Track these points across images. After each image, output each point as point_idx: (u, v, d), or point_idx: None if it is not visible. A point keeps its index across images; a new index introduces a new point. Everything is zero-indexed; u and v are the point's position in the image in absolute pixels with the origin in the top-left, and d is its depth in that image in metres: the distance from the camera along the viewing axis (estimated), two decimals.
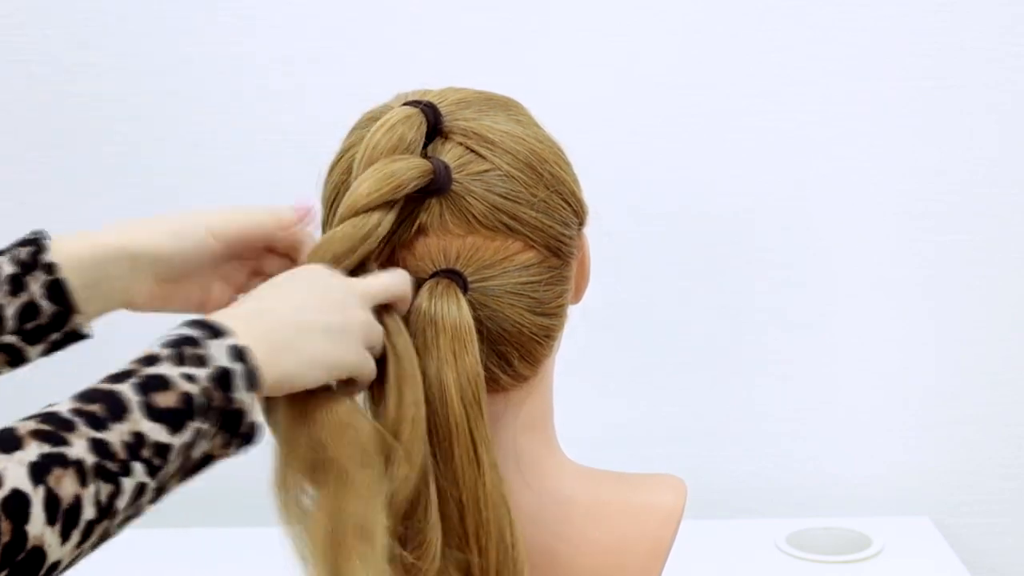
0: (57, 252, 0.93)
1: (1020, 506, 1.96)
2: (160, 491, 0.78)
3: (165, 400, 0.76)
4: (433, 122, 0.93)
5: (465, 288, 0.92)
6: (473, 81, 1.03)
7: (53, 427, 0.74)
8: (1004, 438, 1.94)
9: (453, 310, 0.91)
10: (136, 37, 1.86)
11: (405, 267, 0.93)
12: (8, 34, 1.86)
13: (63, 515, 0.72)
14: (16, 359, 0.94)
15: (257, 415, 0.81)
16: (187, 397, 0.77)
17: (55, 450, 0.73)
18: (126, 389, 0.76)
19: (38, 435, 0.73)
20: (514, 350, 0.94)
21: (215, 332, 0.80)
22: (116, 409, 0.75)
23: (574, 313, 1.00)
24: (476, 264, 0.92)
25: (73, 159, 1.89)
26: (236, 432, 0.80)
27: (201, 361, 0.78)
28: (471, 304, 0.92)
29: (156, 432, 0.76)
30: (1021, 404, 1.93)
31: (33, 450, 0.72)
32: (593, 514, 0.99)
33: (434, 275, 0.93)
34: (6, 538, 0.70)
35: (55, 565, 0.73)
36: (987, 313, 1.91)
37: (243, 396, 0.79)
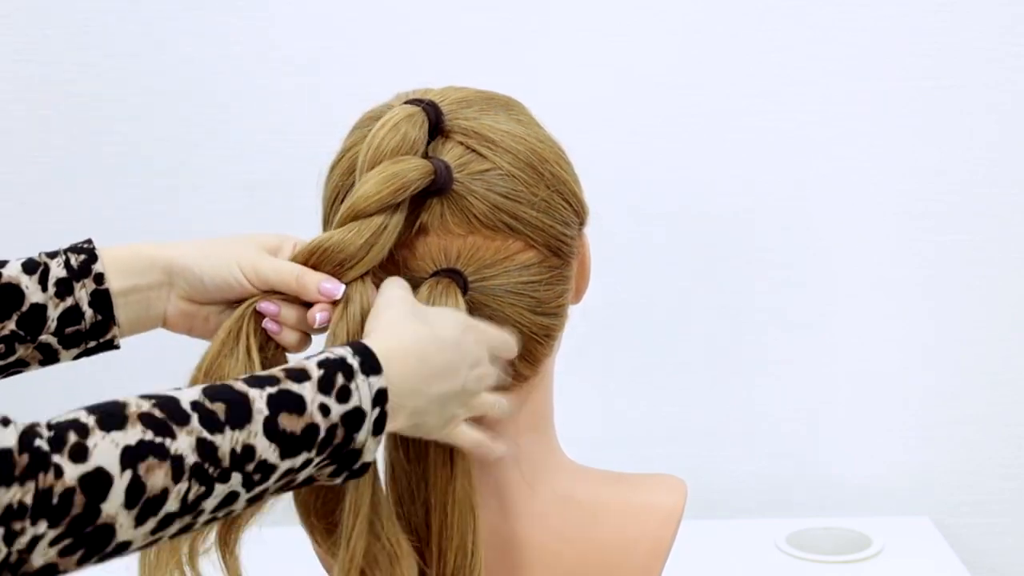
0: (104, 260, 0.94)
1: (1020, 506, 1.95)
2: (251, 503, 0.78)
3: (291, 424, 0.77)
4: (434, 121, 0.93)
5: (465, 288, 0.92)
6: (474, 81, 1.03)
7: (165, 415, 0.74)
8: (1004, 438, 1.94)
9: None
10: (136, 37, 1.86)
11: (406, 266, 0.93)
12: (8, 34, 1.86)
13: (144, 503, 0.73)
14: (49, 359, 0.95)
15: (371, 455, 0.81)
16: (313, 428, 0.78)
17: (156, 439, 0.73)
18: (258, 398, 0.77)
19: (146, 419, 0.73)
20: None
21: (371, 367, 0.80)
22: (239, 416, 0.76)
23: (574, 313, 1.00)
24: (477, 264, 0.92)
25: (73, 159, 1.88)
26: (348, 468, 0.81)
27: (344, 395, 0.79)
28: (471, 304, 0.92)
29: (268, 451, 0.76)
30: (1021, 404, 1.93)
31: (134, 434, 0.73)
32: (593, 514, 0.99)
33: (434, 275, 0.93)
34: (77, 510, 0.71)
35: (124, 544, 0.73)
36: (987, 313, 1.91)
37: (366, 439, 0.80)
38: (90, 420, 0.72)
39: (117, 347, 0.96)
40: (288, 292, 0.92)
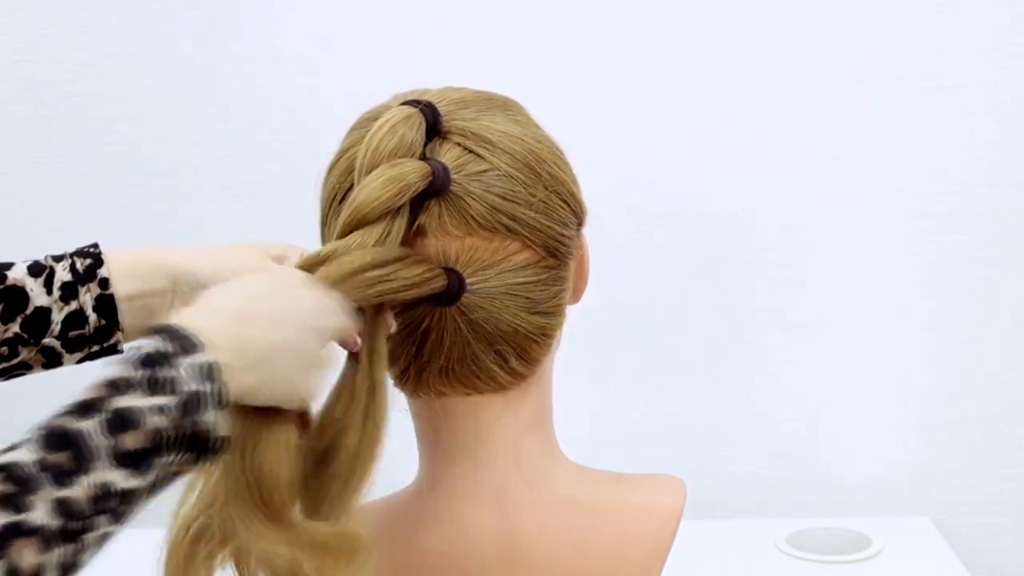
0: (109, 265, 0.94)
1: (1020, 506, 1.95)
2: (125, 523, 0.74)
3: (134, 441, 0.73)
4: (432, 122, 0.93)
5: (463, 289, 0.92)
6: (472, 81, 1.03)
7: (16, 489, 0.70)
8: (1004, 438, 1.94)
9: None
10: (136, 37, 1.86)
11: None
12: (8, 34, 1.86)
13: None
14: (52, 362, 0.94)
15: (223, 429, 0.77)
16: (157, 434, 0.74)
17: (16, 519, 0.69)
18: (93, 430, 0.72)
19: (1, 500, 0.69)
20: (511, 349, 0.94)
21: (187, 347, 0.76)
22: (82, 458, 0.71)
23: (574, 313, 1.00)
24: (475, 265, 0.92)
25: (73, 159, 1.89)
26: (204, 449, 0.76)
27: (172, 386, 0.74)
28: (468, 306, 0.92)
29: (123, 479, 0.72)
30: (1021, 404, 1.93)
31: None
32: (593, 514, 0.99)
33: None
34: None
35: None
36: (987, 313, 1.91)
37: (210, 416, 0.76)
38: None
39: (120, 351, 0.95)
40: None
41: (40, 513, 0.69)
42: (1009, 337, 1.91)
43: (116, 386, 0.74)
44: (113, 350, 0.95)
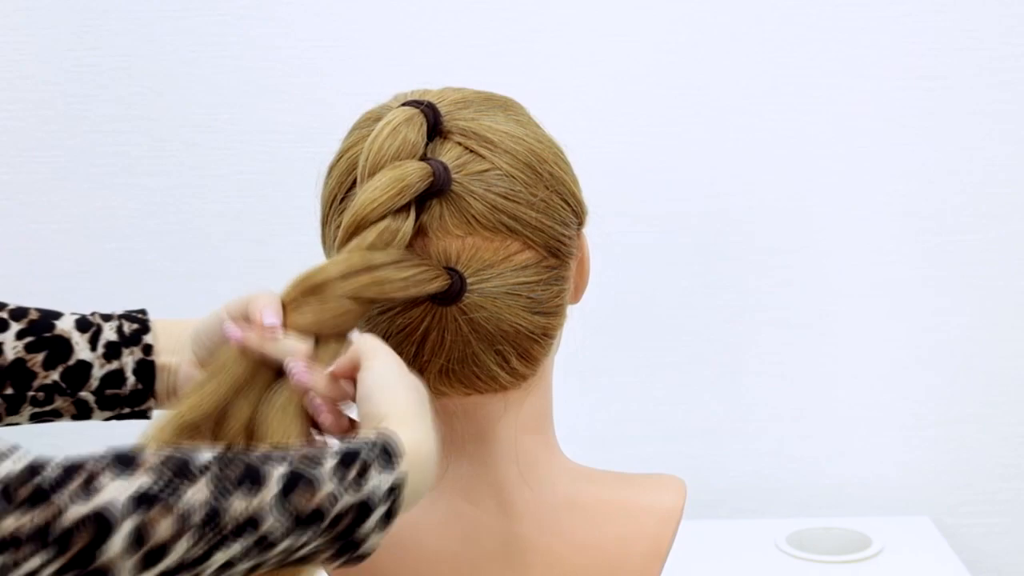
0: (155, 332, 0.97)
1: (1020, 506, 1.95)
2: (247, 572, 0.76)
3: (299, 504, 0.75)
4: (432, 122, 0.93)
5: (463, 288, 0.92)
6: (473, 81, 1.03)
7: (174, 470, 0.73)
8: (1004, 438, 1.94)
9: None
10: (136, 37, 1.86)
11: None
12: (8, 34, 1.86)
13: (144, 555, 0.71)
14: (82, 414, 0.97)
15: (373, 548, 0.79)
16: (318, 513, 0.76)
17: (165, 492, 0.72)
18: (273, 474, 0.75)
19: (156, 470, 0.72)
20: (512, 349, 0.94)
21: (389, 459, 0.79)
22: (251, 483, 0.74)
23: (574, 313, 1.00)
24: (476, 265, 0.92)
25: (73, 159, 1.89)
26: (347, 554, 0.79)
27: (356, 486, 0.77)
28: (469, 306, 0.92)
29: (272, 526, 0.75)
30: (1021, 404, 1.93)
31: (144, 482, 0.72)
32: (593, 514, 0.99)
33: None
34: (77, 547, 0.69)
35: None
36: (987, 313, 1.91)
37: (370, 531, 0.78)
38: (103, 460, 0.72)
39: (149, 417, 0.97)
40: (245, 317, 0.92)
41: (190, 500, 0.72)
42: (1009, 337, 1.91)
43: (308, 459, 0.77)
44: (143, 415, 0.98)
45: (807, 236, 1.89)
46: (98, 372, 0.95)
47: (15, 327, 0.95)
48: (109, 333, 0.96)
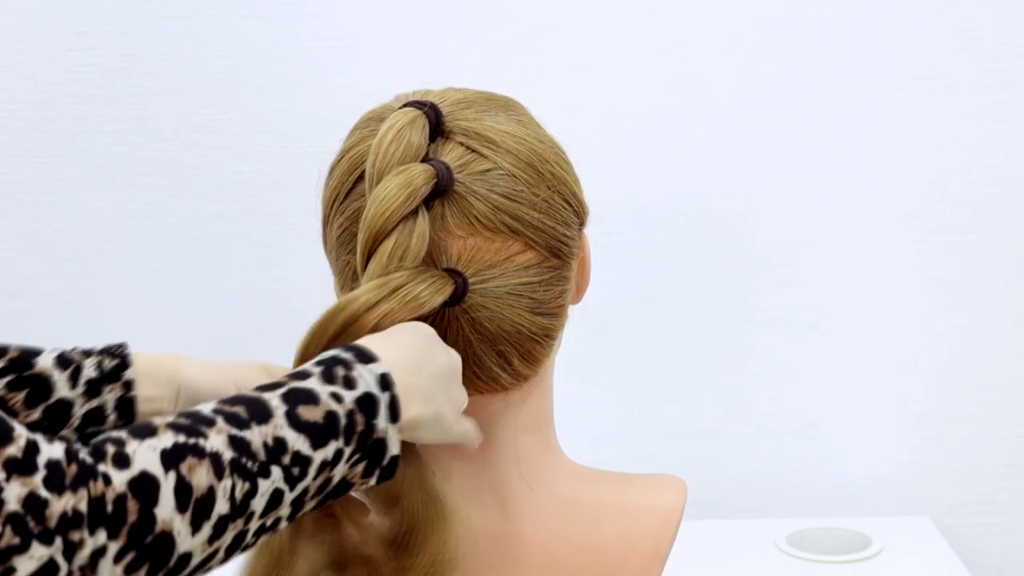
0: (135, 368, 0.97)
1: (1020, 506, 1.95)
2: (296, 506, 0.78)
3: (310, 414, 0.78)
4: (435, 123, 0.93)
5: (466, 289, 0.92)
6: (473, 81, 1.03)
7: (191, 421, 0.75)
8: (1004, 438, 1.94)
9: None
10: (136, 37, 1.86)
11: None
12: (8, 34, 1.86)
13: (195, 504, 0.73)
14: None
15: (396, 447, 0.82)
16: (332, 415, 0.78)
17: (190, 440, 0.73)
18: (272, 398, 0.78)
19: (174, 427, 0.74)
20: (513, 350, 0.94)
21: (365, 357, 0.81)
22: (260, 413, 0.76)
23: (575, 313, 1.00)
24: (477, 265, 0.92)
25: (73, 159, 1.89)
26: (377, 463, 0.81)
27: (349, 383, 0.80)
28: (471, 306, 0.92)
29: (298, 442, 0.77)
30: (1021, 404, 1.93)
31: (167, 439, 0.73)
32: (593, 514, 0.99)
33: None
34: (132, 518, 0.71)
35: (186, 557, 0.73)
36: (987, 313, 1.91)
37: (386, 426, 0.81)
38: (122, 433, 0.73)
39: None
40: None
41: (215, 442, 0.74)
42: (1009, 337, 1.91)
43: (296, 375, 0.80)
44: None
45: (807, 236, 1.89)
46: (79, 410, 0.96)
47: None
48: (89, 370, 0.96)
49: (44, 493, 0.68)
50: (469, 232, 0.92)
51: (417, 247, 0.90)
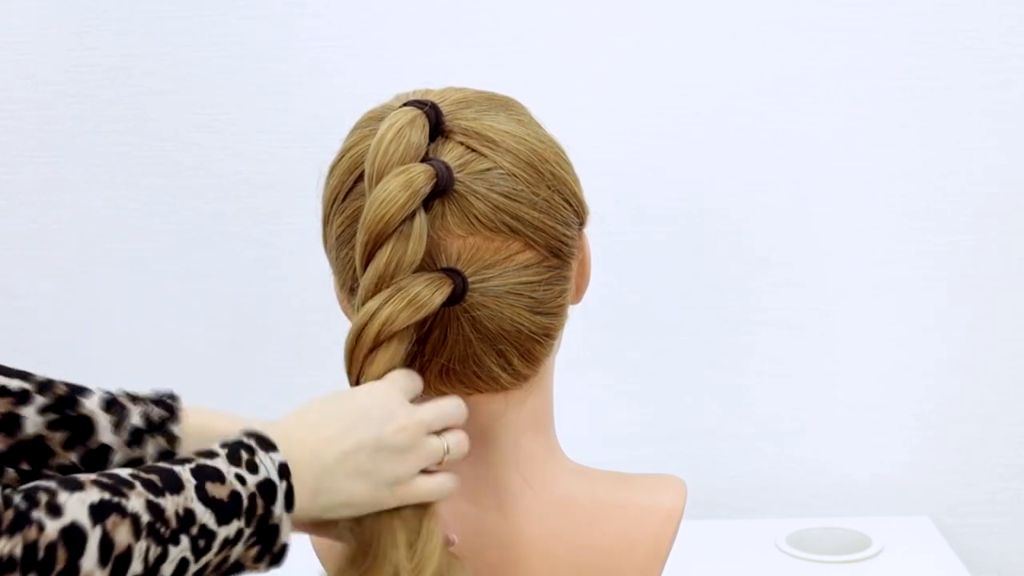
0: (184, 424, 0.96)
1: (1020, 506, 1.95)
2: (204, 566, 0.80)
3: (217, 491, 0.80)
4: (435, 123, 0.93)
5: (465, 288, 0.92)
6: (473, 81, 1.03)
7: (113, 481, 0.77)
8: (1004, 438, 1.94)
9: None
10: (136, 37, 1.86)
11: None
12: (8, 34, 1.86)
13: (114, 560, 0.75)
14: None
15: (287, 535, 0.84)
16: (236, 495, 0.81)
17: (114, 499, 0.76)
18: (183, 471, 0.80)
19: (99, 484, 0.76)
20: (514, 349, 0.94)
21: (267, 445, 0.83)
22: (172, 483, 0.79)
23: (575, 313, 1.00)
24: (477, 264, 0.92)
25: (74, 160, 1.89)
26: (269, 548, 0.83)
27: (252, 467, 0.82)
28: (471, 304, 0.92)
29: (205, 516, 0.79)
30: (1021, 404, 1.93)
31: (95, 494, 0.76)
32: (593, 514, 0.99)
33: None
34: (60, 566, 0.73)
35: None
36: (987, 313, 1.90)
37: (281, 513, 0.83)
38: (51, 484, 0.75)
39: None
40: None
41: (135, 503, 0.77)
42: (1009, 337, 1.91)
43: (202, 453, 0.83)
44: None
45: (807, 236, 1.89)
46: (119, 458, 0.93)
47: (39, 401, 0.92)
48: (136, 418, 0.93)
49: None
50: (469, 231, 0.92)
51: (416, 248, 0.90)
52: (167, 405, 0.95)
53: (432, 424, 0.90)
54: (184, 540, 0.78)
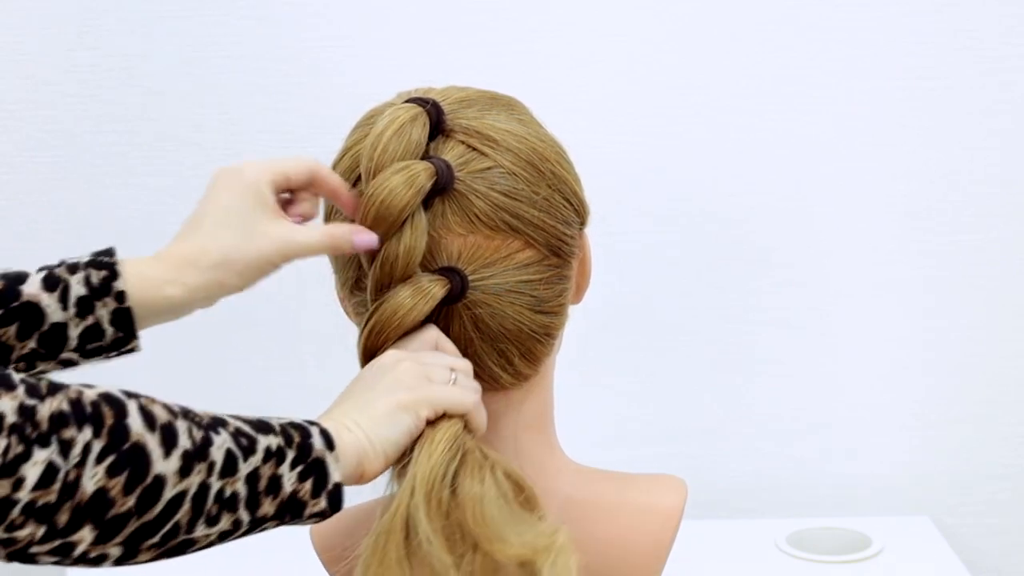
0: (127, 277, 0.93)
1: (1020, 506, 1.95)
2: (252, 499, 0.80)
3: (242, 418, 0.82)
4: (435, 121, 0.93)
5: (465, 286, 0.92)
6: (474, 81, 1.03)
7: (136, 394, 0.78)
8: (1004, 438, 1.94)
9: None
10: (136, 37, 1.86)
11: None
12: (8, 34, 1.86)
13: (161, 429, 0.76)
14: (68, 366, 0.96)
15: (338, 475, 0.83)
16: (264, 421, 0.82)
17: (142, 397, 0.78)
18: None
19: (121, 391, 0.77)
20: (514, 348, 0.94)
21: (305, 432, 0.84)
22: (205, 417, 0.80)
23: (575, 312, 1.00)
24: (477, 263, 0.92)
25: (74, 160, 1.88)
26: (323, 485, 0.83)
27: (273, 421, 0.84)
28: (473, 302, 0.92)
29: (237, 422, 0.81)
30: (1021, 404, 1.93)
31: (118, 391, 0.77)
32: (593, 514, 0.99)
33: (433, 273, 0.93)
34: (110, 421, 0.74)
35: (160, 482, 0.76)
36: (987, 313, 1.91)
37: (322, 448, 0.83)
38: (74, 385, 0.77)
39: (139, 349, 0.96)
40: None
41: (162, 407, 0.78)
42: (1009, 337, 1.91)
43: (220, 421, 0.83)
44: (130, 352, 0.96)
45: (807, 236, 1.89)
46: (74, 332, 0.91)
47: None
48: (78, 288, 0.91)
49: (31, 401, 0.72)
50: (469, 230, 0.92)
51: (416, 252, 0.90)
52: (104, 264, 0.93)
53: (434, 357, 0.91)
54: (224, 432, 0.79)
